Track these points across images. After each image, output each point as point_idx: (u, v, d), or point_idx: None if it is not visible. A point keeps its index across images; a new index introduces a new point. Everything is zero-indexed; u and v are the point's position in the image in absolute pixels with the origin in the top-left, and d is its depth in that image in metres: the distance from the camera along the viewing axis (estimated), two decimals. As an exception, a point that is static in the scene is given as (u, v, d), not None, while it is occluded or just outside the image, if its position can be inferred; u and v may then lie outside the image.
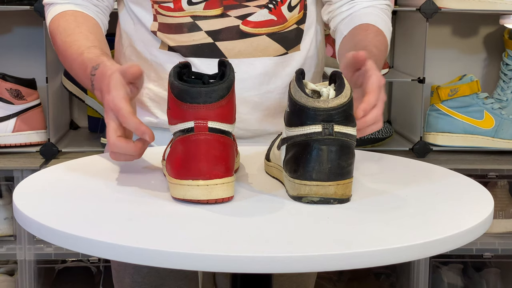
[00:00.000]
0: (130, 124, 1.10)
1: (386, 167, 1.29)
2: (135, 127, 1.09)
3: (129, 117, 1.09)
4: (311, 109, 1.02)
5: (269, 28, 1.40)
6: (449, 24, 2.52)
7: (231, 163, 1.03)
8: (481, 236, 1.01)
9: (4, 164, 2.05)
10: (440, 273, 2.37)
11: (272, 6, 1.40)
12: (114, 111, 1.11)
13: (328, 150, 1.01)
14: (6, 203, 2.15)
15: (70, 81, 2.30)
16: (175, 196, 1.03)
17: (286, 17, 1.41)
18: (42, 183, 1.14)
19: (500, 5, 2.21)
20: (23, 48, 2.38)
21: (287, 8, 1.41)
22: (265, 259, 0.85)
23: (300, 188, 1.03)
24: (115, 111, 1.10)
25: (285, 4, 1.41)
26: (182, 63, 1.10)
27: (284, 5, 1.41)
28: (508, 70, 2.34)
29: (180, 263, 0.85)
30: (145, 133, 1.09)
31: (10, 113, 2.19)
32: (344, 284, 2.46)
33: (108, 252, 0.89)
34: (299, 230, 0.95)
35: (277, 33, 1.41)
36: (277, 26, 1.41)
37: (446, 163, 2.08)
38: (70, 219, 0.97)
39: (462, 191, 1.15)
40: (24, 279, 2.09)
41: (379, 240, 0.90)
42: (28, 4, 2.12)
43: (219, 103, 1.02)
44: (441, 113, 2.25)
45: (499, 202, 2.21)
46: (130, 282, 1.43)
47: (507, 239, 2.20)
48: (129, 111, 1.10)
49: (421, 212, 1.03)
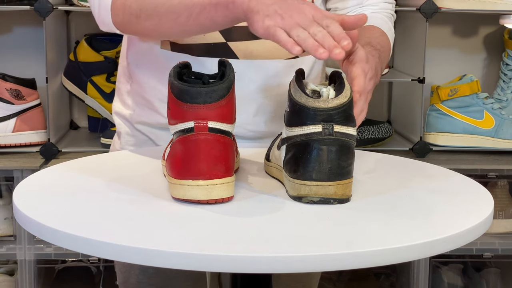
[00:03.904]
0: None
1: (386, 167, 1.29)
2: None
3: None
4: (311, 109, 1.02)
5: None
6: (449, 24, 2.52)
7: (231, 163, 1.03)
8: (481, 236, 1.01)
9: (4, 164, 2.05)
10: (440, 273, 2.36)
11: None
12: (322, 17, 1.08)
13: (328, 150, 1.01)
14: (6, 203, 2.15)
15: (70, 81, 2.30)
16: (175, 196, 1.03)
17: None
18: (42, 183, 1.14)
19: (500, 5, 2.21)
20: (23, 48, 2.38)
21: None
22: (265, 259, 0.85)
23: (300, 188, 1.03)
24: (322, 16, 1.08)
25: None
26: (182, 63, 1.10)
27: None
28: (508, 70, 2.34)
29: (180, 263, 0.85)
30: None
31: (10, 113, 2.19)
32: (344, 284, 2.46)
33: (108, 252, 0.89)
34: (299, 230, 0.95)
35: None
36: None
37: (446, 163, 2.08)
38: (70, 219, 0.97)
39: (462, 191, 1.15)
40: (24, 279, 2.09)
41: (379, 240, 0.91)
42: (28, 4, 2.12)
43: (219, 103, 1.02)
44: (441, 113, 2.25)
45: (499, 202, 2.21)
46: (136, 283, 1.43)
47: (507, 239, 2.20)
48: None
49: (421, 212, 1.03)
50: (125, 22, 1.29)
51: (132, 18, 1.27)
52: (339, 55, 1.03)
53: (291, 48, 1.05)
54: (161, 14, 1.24)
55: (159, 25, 1.25)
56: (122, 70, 1.49)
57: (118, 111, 1.49)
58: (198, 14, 1.19)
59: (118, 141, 1.50)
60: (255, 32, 1.11)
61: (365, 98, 1.17)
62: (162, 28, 1.25)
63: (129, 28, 1.31)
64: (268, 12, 1.09)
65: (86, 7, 2.13)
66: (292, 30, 1.07)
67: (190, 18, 1.20)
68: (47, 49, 2.09)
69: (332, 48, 1.03)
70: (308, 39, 1.05)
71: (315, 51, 1.03)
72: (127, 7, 1.27)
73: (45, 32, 2.07)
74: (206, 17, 1.19)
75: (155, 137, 1.44)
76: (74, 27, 2.43)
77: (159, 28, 1.26)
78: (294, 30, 1.06)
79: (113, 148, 1.53)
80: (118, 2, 1.28)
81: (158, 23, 1.25)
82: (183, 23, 1.22)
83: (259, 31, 1.10)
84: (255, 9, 1.10)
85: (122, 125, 1.48)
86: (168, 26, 1.25)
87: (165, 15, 1.23)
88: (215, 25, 1.21)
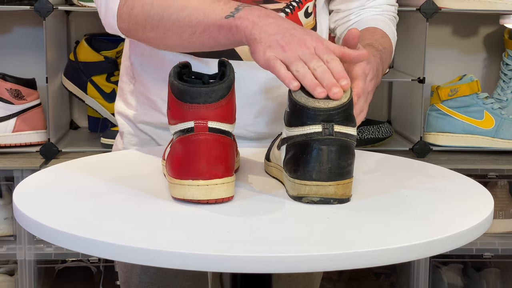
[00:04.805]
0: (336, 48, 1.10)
1: (386, 167, 1.29)
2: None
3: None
4: (311, 109, 1.02)
5: None
6: (449, 24, 2.52)
7: (231, 163, 1.03)
8: (481, 236, 1.01)
9: (4, 164, 2.05)
10: (440, 273, 2.37)
11: (289, 10, 1.38)
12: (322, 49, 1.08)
13: (328, 150, 1.01)
14: (6, 203, 2.15)
15: (70, 81, 2.30)
16: (175, 196, 1.03)
17: (302, 22, 1.39)
18: (42, 183, 1.14)
19: (500, 5, 2.21)
20: (23, 48, 2.38)
21: (303, 14, 1.40)
22: (265, 259, 0.85)
23: (300, 188, 1.03)
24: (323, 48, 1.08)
25: (302, 10, 1.39)
26: (182, 63, 1.10)
27: (301, 11, 1.39)
28: (508, 70, 2.34)
29: (180, 263, 0.85)
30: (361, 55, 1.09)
31: (10, 113, 2.19)
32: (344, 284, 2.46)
33: (108, 252, 0.89)
34: (299, 230, 0.95)
35: None
36: None
37: (446, 163, 2.08)
38: (70, 219, 0.97)
39: (462, 191, 1.15)
40: (24, 279, 2.09)
41: (379, 240, 0.90)
42: (28, 4, 2.12)
43: (219, 103, 1.02)
44: (441, 113, 2.25)
45: (499, 202, 2.21)
46: (137, 283, 1.43)
47: (507, 239, 2.20)
48: None
49: (421, 212, 1.03)
50: (131, 29, 1.28)
51: (137, 27, 1.26)
52: (337, 95, 1.02)
53: (288, 83, 1.05)
54: (166, 28, 1.23)
55: (163, 38, 1.25)
56: (125, 70, 1.49)
57: (120, 111, 1.49)
58: (201, 33, 1.19)
59: (120, 141, 1.50)
60: (256, 61, 1.11)
61: (365, 98, 1.17)
62: (166, 40, 1.25)
63: (135, 35, 1.30)
64: (270, 43, 1.08)
65: (86, 7, 2.13)
66: (292, 65, 1.06)
67: (193, 35, 1.20)
68: (47, 49, 2.09)
69: (330, 87, 1.03)
70: (307, 75, 1.05)
71: (313, 89, 1.03)
72: (133, 16, 1.26)
73: (45, 32, 2.07)
74: (209, 36, 1.18)
75: (157, 137, 1.44)
76: (74, 27, 2.43)
77: (163, 40, 1.25)
78: (294, 64, 1.06)
79: (115, 148, 1.53)
80: (125, 9, 1.27)
81: (163, 35, 1.24)
82: (186, 39, 1.22)
83: (259, 62, 1.10)
84: (257, 38, 1.10)
85: (125, 125, 1.48)
86: (172, 39, 1.24)
87: (170, 29, 1.22)
88: (218, 45, 1.20)
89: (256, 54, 1.10)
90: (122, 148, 1.48)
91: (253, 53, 1.11)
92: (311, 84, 1.03)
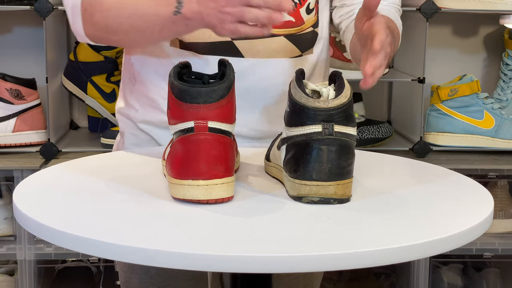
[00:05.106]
0: None
1: (386, 167, 1.29)
2: None
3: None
4: (311, 109, 1.02)
5: (287, 29, 1.39)
6: (449, 24, 2.52)
7: (231, 163, 1.03)
8: (481, 236, 1.01)
9: (4, 164, 2.05)
10: (440, 273, 2.36)
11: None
12: None
13: (328, 150, 1.01)
14: (6, 203, 2.15)
15: (70, 81, 2.30)
16: (175, 196, 1.03)
17: (303, 19, 1.40)
18: (42, 183, 1.14)
19: (500, 5, 2.21)
20: (23, 48, 2.38)
21: (305, 11, 1.40)
22: (265, 259, 0.85)
23: (300, 188, 1.03)
24: None
25: (303, 6, 1.40)
26: (182, 63, 1.10)
27: (302, 7, 1.40)
28: (508, 70, 2.34)
29: (180, 263, 0.85)
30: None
31: (10, 113, 2.19)
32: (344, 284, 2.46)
33: (108, 252, 0.89)
34: (299, 230, 0.95)
35: (295, 35, 1.41)
36: (295, 28, 1.40)
37: (446, 163, 2.08)
38: (70, 219, 0.97)
39: (462, 191, 1.15)
40: (24, 279, 2.09)
41: (379, 240, 0.91)
42: (28, 4, 2.12)
43: (219, 103, 1.02)
44: (441, 113, 2.25)
45: (499, 202, 2.21)
46: (138, 283, 1.43)
47: (507, 239, 2.20)
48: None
49: (421, 212, 1.03)
50: (95, 36, 1.33)
51: (101, 33, 1.32)
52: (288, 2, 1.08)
53: (262, 32, 1.11)
54: (126, 31, 1.28)
55: (127, 40, 1.31)
56: (126, 70, 1.49)
57: (121, 111, 1.49)
58: (160, 31, 1.25)
59: (121, 141, 1.50)
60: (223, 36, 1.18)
61: (384, 53, 1.16)
62: (132, 42, 1.32)
63: (101, 41, 1.35)
64: (222, 18, 1.13)
65: (86, 7, 2.13)
66: (244, 17, 1.11)
67: (153, 33, 1.26)
68: (47, 49, 2.09)
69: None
70: (258, 15, 1.10)
71: (273, 18, 1.09)
72: (95, 23, 1.31)
73: (45, 32, 2.07)
74: (170, 30, 1.24)
75: (158, 137, 1.44)
76: (74, 27, 2.43)
77: (129, 42, 1.32)
78: (246, 15, 1.11)
79: (116, 148, 1.53)
80: (87, 17, 1.31)
81: (126, 38, 1.30)
82: (150, 38, 1.28)
83: (228, 37, 1.18)
84: (211, 23, 1.15)
85: (126, 124, 1.48)
86: (136, 40, 1.30)
87: (131, 32, 1.28)
88: (182, 34, 1.26)
89: (220, 33, 1.16)
90: (123, 148, 1.48)
91: (217, 34, 1.17)
92: (268, 18, 1.10)
